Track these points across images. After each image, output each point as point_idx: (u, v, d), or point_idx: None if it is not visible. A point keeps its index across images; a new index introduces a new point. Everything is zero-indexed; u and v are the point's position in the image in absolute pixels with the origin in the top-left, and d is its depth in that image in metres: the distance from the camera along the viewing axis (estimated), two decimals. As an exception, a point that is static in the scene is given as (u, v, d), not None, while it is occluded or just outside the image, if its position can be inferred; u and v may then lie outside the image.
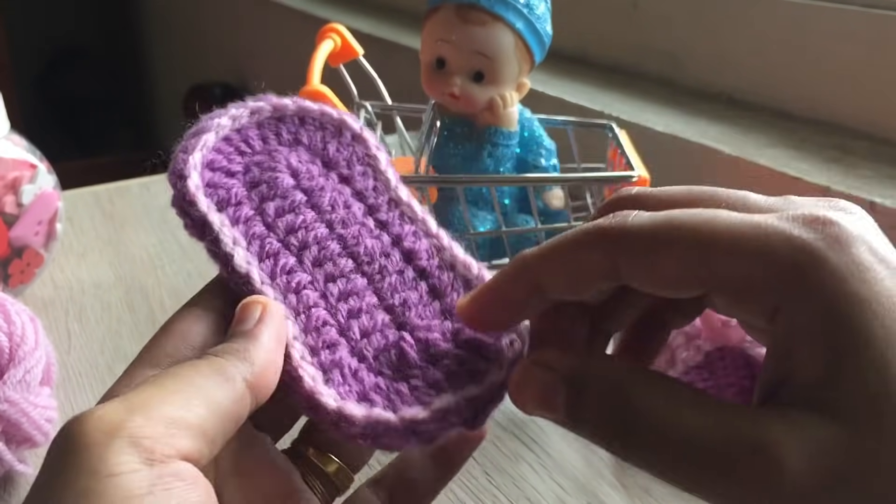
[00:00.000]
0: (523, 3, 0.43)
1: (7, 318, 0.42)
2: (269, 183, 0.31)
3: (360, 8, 1.27)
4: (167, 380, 0.24)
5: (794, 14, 0.67)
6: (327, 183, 0.32)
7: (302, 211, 0.31)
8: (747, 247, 0.22)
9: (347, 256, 0.30)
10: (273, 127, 0.33)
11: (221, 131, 0.32)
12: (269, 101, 0.33)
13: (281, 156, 0.32)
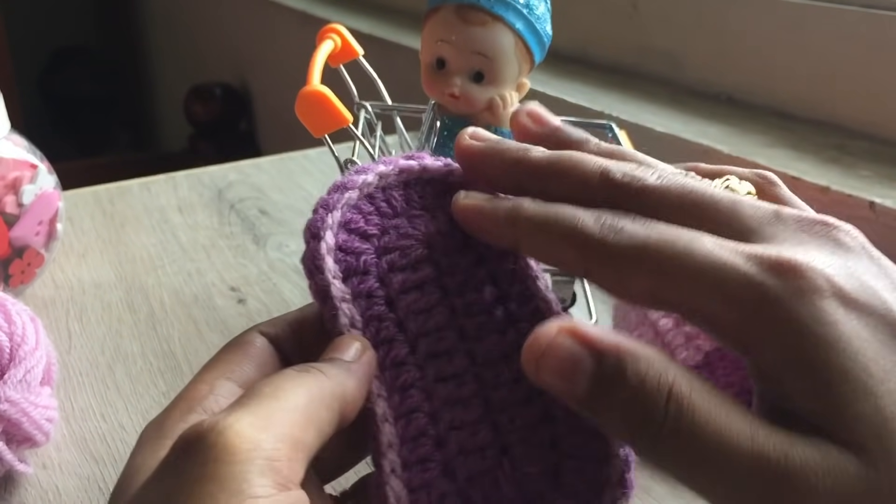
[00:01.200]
0: (523, 3, 0.43)
1: (8, 317, 0.42)
2: (402, 251, 0.29)
3: (360, 8, 1.27)
4: (281, 394, 0.23)
5: (793, 14, 0.67)
6: (462, 259, 0.30)
7: (428, 290, 0.29)
8: (714, 290, 0.23)
9: (465, 354, 0.28)
10: (419, 188, 0.31)
11: (366, 189, 0.30)
12: (420, 160, 0.31)
13: (421, 222, 0.30)
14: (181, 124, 1.99)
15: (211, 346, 0.52)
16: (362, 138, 0.43)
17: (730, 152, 0.60)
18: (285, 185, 0.78)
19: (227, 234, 0.68)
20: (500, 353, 0.28)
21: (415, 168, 0.31)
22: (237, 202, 0.74)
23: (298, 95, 0.39)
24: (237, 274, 0.62)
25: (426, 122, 0.47)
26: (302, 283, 0.60)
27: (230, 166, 0.82)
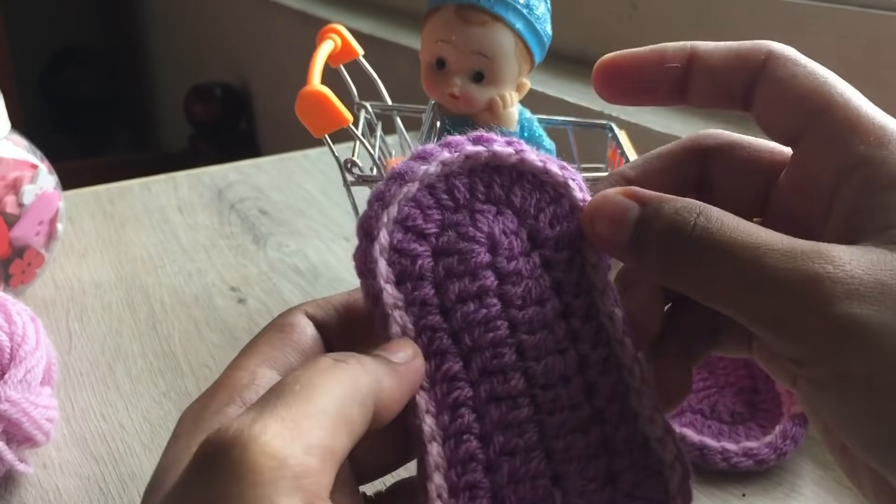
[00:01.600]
0: (523, 3, 0.43)
1: (8, 317, 0.42)
2: (462, 255, 0.27)
3: (360, 8, 1.27)
4: (312, 393, 0.22)
5: (792, 14, 0.67)
6: (526, 266, 0.27)
7: (487, 301, 0.27)
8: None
9: (521, 373, 0.26)
10: (486, 177, 0.28)
11: (427, 180, 0.27)
12: (490, 145, 0.28)
13: (485, 219, 0.27)
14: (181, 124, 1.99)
15: (211, 346, 0.53)
16: (362, 138, 0.43)
17: (729, 152, 0.61)
18: (285, 185, 0.78)
19: (227, 234, 0.68)
20: (559, 374, 0.26)
21: (483, 154, 0.28)
22: (237, 202, 0.74)
23: (298, 95, 0.39)
24: (237, 274, 0.62)
25: (426, 122, 0.47)
26: (302, 283, 0.60)
27: (230, 166, 0.82)
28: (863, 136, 0.25)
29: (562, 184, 0.28)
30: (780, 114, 0.27)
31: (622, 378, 0.26)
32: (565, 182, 0.28)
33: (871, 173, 0.24)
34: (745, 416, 0.45)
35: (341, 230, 0.69)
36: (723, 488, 0.41)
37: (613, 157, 0.50)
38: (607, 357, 0.26)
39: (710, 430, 0.44)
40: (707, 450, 0.41)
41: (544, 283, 0.27)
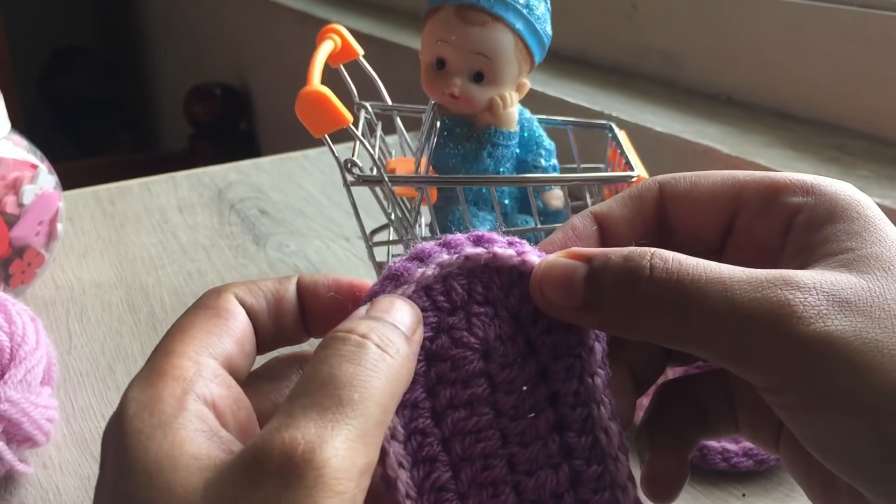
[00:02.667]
0: (523, 3, 0.43)
1: (8, 318, 0.42)
2: (454, 362, 0.26)
3: (360, 8, 1.27)
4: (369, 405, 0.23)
5: (792, 14, 0.67)
6: (521, 374, 0.26)
7: (479, 409, 0.26)
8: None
9: (512, 488, 0.25)
10: (485, 278, 0.27)
11: (424, 282, 0.26)
12: (491, 246, 0.27)
13: (481, 323, 0.27)
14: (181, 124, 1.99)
15: (211, 346, 0.53)
16: (362, 138, 0.43)
17: (729, 152, 0.61)
18: (285, 185, 0.78)
19: (227, 234, 0.68)
20: (551, 491, 0.25)
21: (483, 256, 0.27)
22: (237, 202, 0.74)
23: (299, 96, 0.39)
24: (237, 274, 0.62)
25: (426, 122, 0.47)
26: (302, 283, 0.60)
27: (230, 166, 0.82)
28: (789, 192, 0.27)
29: None
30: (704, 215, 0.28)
31: (616, 497, 0.26)
32: None
33: (808, 216, 0.26)
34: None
35: (341, 230, 0.69)
36: (723, 488, 0.41)
37: (613, 157, 0.50)
38: (601, 474, 0.26)
39: (710, 430, 0.44)
40: (707, 450, 0.41)
41: (539, 394, 0.26)
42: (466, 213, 0.44)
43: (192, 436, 0.24)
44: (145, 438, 0.24)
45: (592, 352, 0.27)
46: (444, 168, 0.46)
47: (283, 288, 0.28)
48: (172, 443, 0.23)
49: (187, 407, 0.24)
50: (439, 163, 0.46)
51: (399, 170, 0.49)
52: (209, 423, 0.24)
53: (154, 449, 0.23)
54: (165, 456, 0.23)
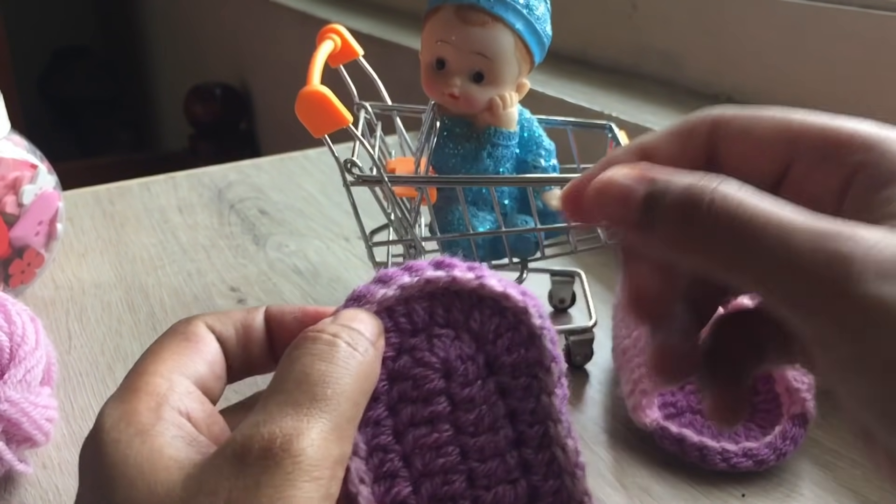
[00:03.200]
0: (523, 3, 0.43)
1: (8, 318, 0.42)
2: (416, 381, 0.27)
3: (360, 9, 1.27)
4: (341, 401, 0.24)
5: (792, 15, 0.67)
6: (481, 393, 0.28)
7: (439, 426, 0.27)
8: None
9: (471, 502, 0.26)
10: (446, 301, 0.28)
11: (385, 303, 0.27)
12: (451, 270, 0.28)
13: (442, 344, 0.28)
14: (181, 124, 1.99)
15: (211, 346, 0.53)
16: (362, 138, 0.43)
17: (729, 153, 0.61)
18: (285, 185, 0.78)
19: (226, 234, 0.68)
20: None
21: (442, 279, 0.28)
22: (237, 202, 0.74)
23: (298, 96, 0.39)
24: (237, 274, 0.62)
25: (426, 122, 0.47)
26: (301, 283, 0.60)
27: (230, 166, 0.82)
28: (849, 147, 0.26)
29: (521, 309, 0.28)
30: (757, 160, 0.27)
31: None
32: (525, 308, 0.28)
33: (870, 174, 0.25)
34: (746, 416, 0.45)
35: (341, 230, 0.69)
36: (722, 488, 0.41)
37: (613, 157, 0.50)
38: (558, 489, 0.27)
39: (710, 430, 0.44)
40: (707, 450, 0.41)
41: (498, 411, 0.27)
42: (466, 213, 0.44)
43: (170, 441, 0.24)
44: (123, 447, 0.24)
45: (549, 372, 0.28)
46: (443, 168, 0.46)
47: (251, 317, 0.29)
48: (151, 448, 0.24)
49: (163, 416, 0.25)
50: (439, 163, 0.46)
51: (399, 170, 0.49)
52: (186, 429, 0.25)
53: (133, 455, 0.24)
54: (145, 460, 0.24)
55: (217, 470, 0.23)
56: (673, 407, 0.45)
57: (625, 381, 0.45)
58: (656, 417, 0.43)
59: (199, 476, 0.23)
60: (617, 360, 0.48)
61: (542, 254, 0.47)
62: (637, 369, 0.44)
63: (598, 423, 0.46)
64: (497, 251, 0.47)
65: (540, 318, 0.29)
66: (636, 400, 0.43)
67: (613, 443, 0.44)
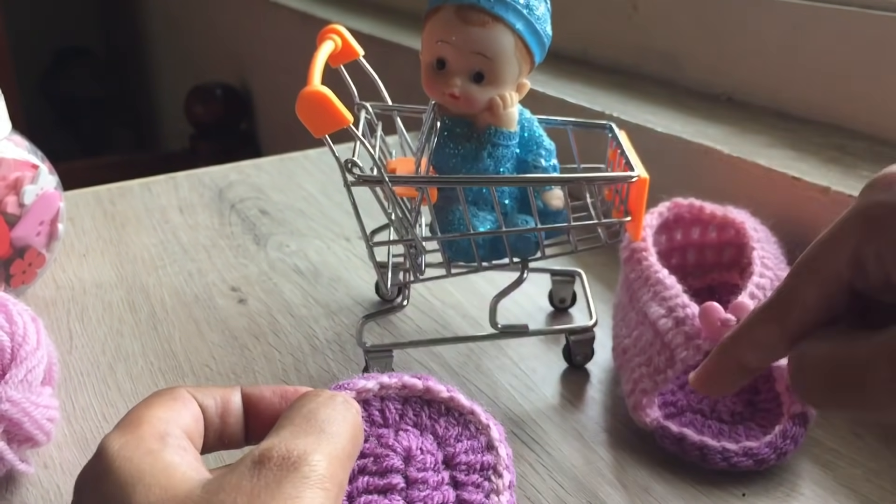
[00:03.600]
0: (523, 3, 0.43)
1: (9, 318, 0.42)
2: (377, 458, 0.31)
3: (360, 9, 1.27)
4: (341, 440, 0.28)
5: (792, 15, 0.67)
6: (435, 478, 0.31)
7: (391, 496, 0.30)
8: None
9: None
10: (417, 406, 0.33)
11: (364, 395, 0.32)
12: (425, 381, 0.33)
13: (406, 436, 0.32)
14: (182, 125, 1.99)
15: (211, 346, 0.53)
16: (363, 139, 0.43)
17: (730, 153, 0.61)
18: (286, 185, 0.78)
19: (227, 234, 0.68)
20: None
21: (418, 387, 0.33)
22: (238, 202, 0.74)
23: (299, 96, 0.39)
24: (238, 274, 0.62)
25: (426, 122, 0.47)
26: (302, 283, 0.60)
27: (231, 166, 0.82)
28: None
29: (484, 424, 0.33)
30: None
31: None
32: (487, 424, 0.33)
33: None
34: (745, 415, 0.45)
35: (342, 230, 0.69)
36: (723, 488, 0.41)
37: (613, 157, 0.50)
38: None
39: (710, 429, 0.44)
40: (707, 449, 0.41)
41: (448, 496, 0.31)
42: (466, 213, 0.44)
43: (182, 461, 0.26)
44: (137, 462, 0.26)
45: (501, 477, 0.32)
46: (444, 168, 0.46)
47: (229, 392, 0.31)
48: (165, 463, 0.26)
49: (169, 443, 0.27)
50: (439, 163, 0.46)
51: (399, 170, 0.49)
52: (193, 453, 0.27)
53: (148, 469, 0.26)
54: (160, 472, 0.25)
55: (237, 474, 0.25)
56: (673, 406, 0.45)
57: (625, 381, 0.45)
58: (656, 417, 0.43)
59: (219, 479, 0.25)
60: (617, 359, 0.48)
61: (543, 253, 0.47)
62: (637, 368, 0.44)
63: (598, 423, 0.46)
64: (497, 251, 0.47)
65: (499, 433, 0.33)
66: (636, 399, 0.43)
67: (614, 442, 0.44)
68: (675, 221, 0.54)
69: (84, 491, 0.27)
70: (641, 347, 0.45)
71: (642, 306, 0.46)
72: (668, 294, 0.45)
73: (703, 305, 0.42)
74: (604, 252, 0.57)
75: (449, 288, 0.59)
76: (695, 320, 0.43)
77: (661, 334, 0.43)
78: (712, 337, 0.42)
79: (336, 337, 0.54)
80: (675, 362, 0.42)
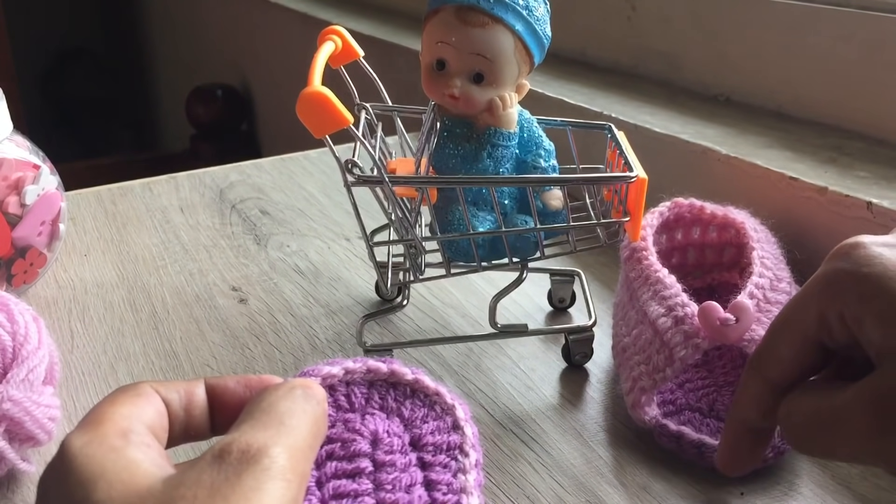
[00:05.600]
0: (523, 4, 0.43)
1: (10, 317, 0.42)
2: (344, 443, 0.32)
3: (360, 10, 1.27)
4: (300, 430, 0.28)
5: (790, 16, 0.67)
6: (402, 460, 0.32)
7: (360, 480, 0.31)
8: None
9: None
10: (383, 390, 0.33)
11: (329, 380, 0.32)
12: (389, 364, 0.33)
13: (373, 420, 0.32)
14: (183, 125, 1.99)
15: (212, 346, 0.53)
16: (363, 139, 0.43)
17: (727, 153, 0.61)
18: (286, 185, 0.79)
19: (228, 235, 0.68)
20: None
21: (382, 370, 0.33)
22: (238, 202, 0.75)
23: (299, 96, 0.39)
24: (238, 274, 0.62)
25: (426, 122, 0.48)
26: (302, 283, 0.61)
27: (231, 167, 0.82)
28: None
29: (449, 405, 0.33)
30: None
31: None
32: (452, 404, 0.34)
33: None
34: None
35: (342, 230, 0.69)
36: (721, 487, 0.41)
37: (612, 157, 0.50)
38: None
39: (709, 427, 0.44)
40: (705, 447, 0.41)
41: (416, 477, 0.31)
42: (466, 213, 0.45)
43: (144, 457, 0.26)
44: (99, 460, 0.26)
45: (468, 456, 0.32)
46: (444, 168, 0.46)
47: (192, 385, 0.32)
48: (127, 460, 0.26)
49: (132, 440, 0.27)
50: (439, 163, 0.46)
51: (399, 170, 0.49)
52: (155, 451, 0.27)
53: (110, 466, 0.26)
54: (122, 469, 0.26)
55: (197, 469, 0.25)
56: (672, 404, 0.45)
57: (624, 379, 0.46)
58: (655, 415, 0.43)
59: (180, 475, 0.25)
60: (617, 357, 0.48)
61: (542, 253, 0.47)
62: (636, 367, 0.44)
63: (597, 422, 0.46)
64: (497, 251, 0.48)
65: (465, 413, 0.33)
66: (635, 397, 0.44)
67: (613, 441, 0.45)
68: (676, 221, 0.54)
69: (47, 490, 0.27)
70: (641, 346, 0.45)
71: (642, 305, 0.46)
72: (668, 293, 0.45)
73: (703, 305, 0.42)
74: (603, 252, 0.57)
75: (449, 288, 0.60)
76: (694, 319, 0.43)
77: (661, 333, 0.44)
78: (711, 336, 0.42)
79: (336, 336, 0.54)
80: (673, 361, 0.42)
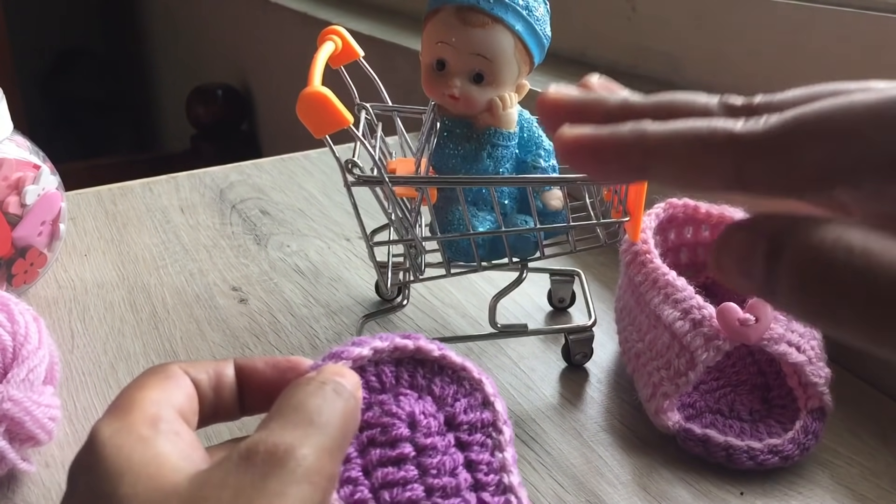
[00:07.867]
0: (523, 5, 0.43)
1: (11, 317, 0.42)
2: (384, 428, 0.32)
3: (360, 10, 1.27)
4: (331, 430, 0.27)
5: (791, 16, 0.67)
6: (442, 443, 0.32)
7: (405, 467, 0.31)
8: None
9: None
10: (411, 367, 0.33)
11: (359, 362, 0.32)
12: (415, 341, 0.33)
13: (407, 401, 0.32)
14: (183, 125, 1.99)
15: (212, 346, 0.53)
16: (363, 139, 0.43)
17: (729, 153, 0.61)
18: (286, 185, 0.79)
19: (228, 234, 0.68)
20: None
21: (409, 347, 0.33)
22: (238, 202, 0.75)
23: (299, 96, 0.39)
24: (238, 274, 0.62)
25: (426, 122, 0.48)
26: (302, 283, 0.61)
27: (231, 167, 0.82)
28: None
29: (477, 380, 0.33)
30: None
31: None
32: (480, 379, 0.33)
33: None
34: (763, 413, 0.45)
35: (342, 230, 0.69)
36: (721, 487, 0.41)
37: (612, 157, 0.50)
38: None
39: (733, 429, 0.43)
40: (733, 449, 0.41)
41: (458, 459, 0.32)
42: (466, 213, 0.45)
43: (171, 449, 0.26)
44: (127, 451, 0.26)
45: (502, 433, 0.32)
46: (443, 168, 0.46)
47: (222, 366, 0.31)
48: (155, 452, 0.26)
49: (161, 429, 0.27)
50: (439, 163, 0.46)
51: (399, 170, 0.49)
52: (184, 441, 0.27)
53: (137, 458, 0.25)
54: (150, 461, 0.25)
55: (223, 469, 0.25)
56: (692, 408, 0.45)
57: (643, 386, 0.45)
58: (678, 420, 0.43)
59: (205, 474, 0.25)
60: (630, 364, 0.48)
61: (542, 253, 0.47)
62: (656, 373, 0.44)
63: (596, 422, 0.46)
64: (497, 251, 0.48)
65: (492, 388, 0.33)
66: (658, 404, 0.43)
67: (612, 441, 0.45)
68: (669, 222, 0.54)
69: (76, 477, 0.27)
70: (658, 351, 0.44)
71: (653, 309, 0.45)
72: (681, 296, 0.44)
73: (721, 306, 0.42)
74: (603, 252, 0.57)
75: (449, 288, 0.60)
76: (713, 321, 0.42)
77: (679, 337, 0.43)
78: (732, 337, 0.42)
79: (336, 336, 0.54)
80: (696, 364, 0.42)
